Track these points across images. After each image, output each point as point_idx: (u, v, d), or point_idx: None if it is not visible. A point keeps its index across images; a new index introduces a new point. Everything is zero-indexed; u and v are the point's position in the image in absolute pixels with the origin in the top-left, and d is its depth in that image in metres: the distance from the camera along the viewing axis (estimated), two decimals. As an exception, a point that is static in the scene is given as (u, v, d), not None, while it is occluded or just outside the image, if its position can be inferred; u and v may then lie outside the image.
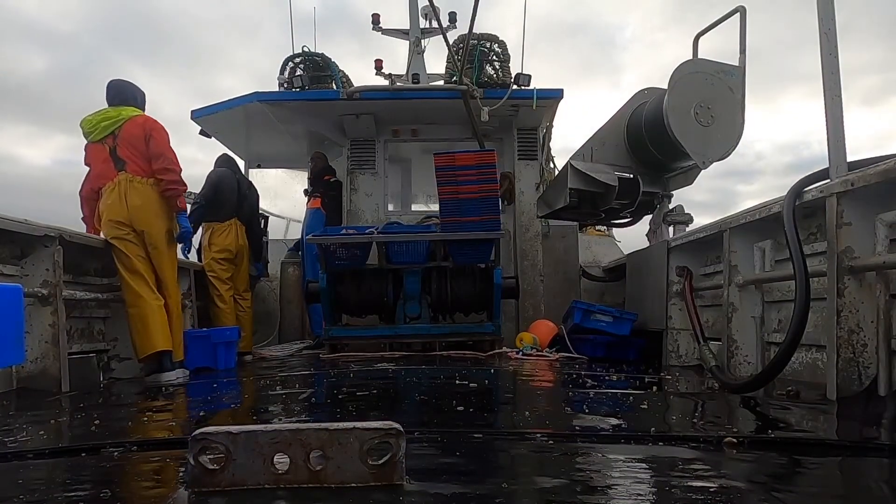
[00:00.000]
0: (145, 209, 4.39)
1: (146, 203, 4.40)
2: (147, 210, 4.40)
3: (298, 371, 4.66)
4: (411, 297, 5.73)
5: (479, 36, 6.71)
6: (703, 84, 4.80)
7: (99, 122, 4.49)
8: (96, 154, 4.47)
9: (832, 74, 2.77)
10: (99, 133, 4.47)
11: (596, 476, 1.58)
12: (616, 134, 5.55)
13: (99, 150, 4.46)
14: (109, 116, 4.50)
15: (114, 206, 4.33)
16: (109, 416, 2.79)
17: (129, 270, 4.30)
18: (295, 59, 7.19)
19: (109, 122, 4.48)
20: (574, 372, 4.14)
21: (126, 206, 4.33)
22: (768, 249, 3.48)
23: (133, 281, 4.29)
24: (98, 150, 4.46)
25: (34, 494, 1.47)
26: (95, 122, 4.49)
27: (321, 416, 2.68)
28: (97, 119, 4.50)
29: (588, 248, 8.01)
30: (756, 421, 2.54)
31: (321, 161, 7.03)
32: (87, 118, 4.52)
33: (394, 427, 1.30)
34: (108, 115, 4.51)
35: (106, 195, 4.39)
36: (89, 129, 4.49)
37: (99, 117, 4.51)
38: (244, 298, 5.98)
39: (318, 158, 7.04)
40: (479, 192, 5.28)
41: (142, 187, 4.41)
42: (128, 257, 4.30)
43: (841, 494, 1.54)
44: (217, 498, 1.27)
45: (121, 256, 4.30)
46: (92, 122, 4.49)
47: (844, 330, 2.63)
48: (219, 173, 5.88)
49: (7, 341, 1.98)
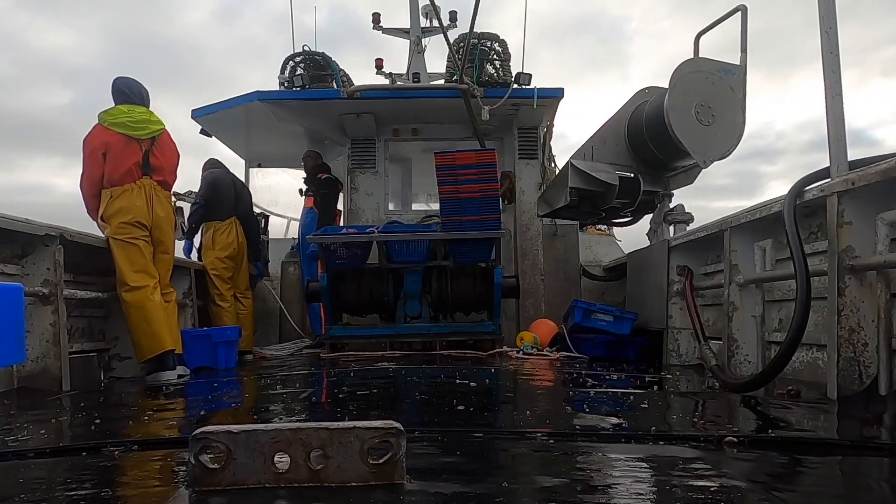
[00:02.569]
0: (168, 221, 4.56)
1: (168, 216, 4.57)
2: (169, 222, 4.56)
3: (299, 370, 4.67)
4: (412, 297, 5.73)
5: (479, 35, 6.70)
6: (703, 83, 4.79)
7: (144, 121, 4.40)
8: (130, 151, 4.33)
9: (832, 73, 2.76)
10: (142, 132, 4.38)
11: (596, 475, 1.58)
12: (617, 133, 5.54)
13: (133, 146, 4.34)
14: (153, 120, 4.45)
15: (140, 209, 4.31)
16: (110, 416, 2.79)
17: (142, 270, 4.28)
18: (295, 58, 7.18)
19: (155, 127, 4.45)
20: (574, 371, 4.14)
21: (150, 213, 4.36)
22: (769, 249, 3.47)
23: (143, 281, 4.26)
24: (132, 146, 4.34)
25: (35, 493, 1.47)
26: (140, 118, 4.38)
27: (322, 416, 2.68)
28: (141, 116, 4.39)
29: (588, 248, 8.00)
30: (756, 420, 2.54)
31: (313, 159, 7.00)
32: (121, 109, 4.36)
33: (394, 426, 1.30)
34: (152, 119, 4.45)
35: (126, 196, 4.29)
36: (132, 123, 4.34)
37: (142, 116, 4.40)
38: (245, 297, 5.99)
39: (311, 157, 7.01)
40: (480, 192, 5.28)
41: (165, 200, 4.55)
42: (143, 258, 4.29)
43: (841, 494, 1.54)
44: (217, 497, 1.27)
45: (134, 256, 4.26)
46: (135, 117, 4.36)
47: (845, 329, 2.63)
48: (214, 173, 5.90)
49: (8, 340, 1.98)
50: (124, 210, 4.27)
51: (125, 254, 4.24)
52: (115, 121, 4.32)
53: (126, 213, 4.27)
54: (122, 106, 4.41)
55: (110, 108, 4.41)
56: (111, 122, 4.32)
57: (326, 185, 6.85)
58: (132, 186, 4.33)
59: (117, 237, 4.25)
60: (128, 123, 4.34)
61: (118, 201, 4.29)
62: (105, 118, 4.34)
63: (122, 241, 4.24)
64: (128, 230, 4.26)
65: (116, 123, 4.32)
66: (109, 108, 4.41)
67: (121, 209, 4.28)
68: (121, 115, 4.35)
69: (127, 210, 4.28)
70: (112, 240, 4.25)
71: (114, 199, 4.30)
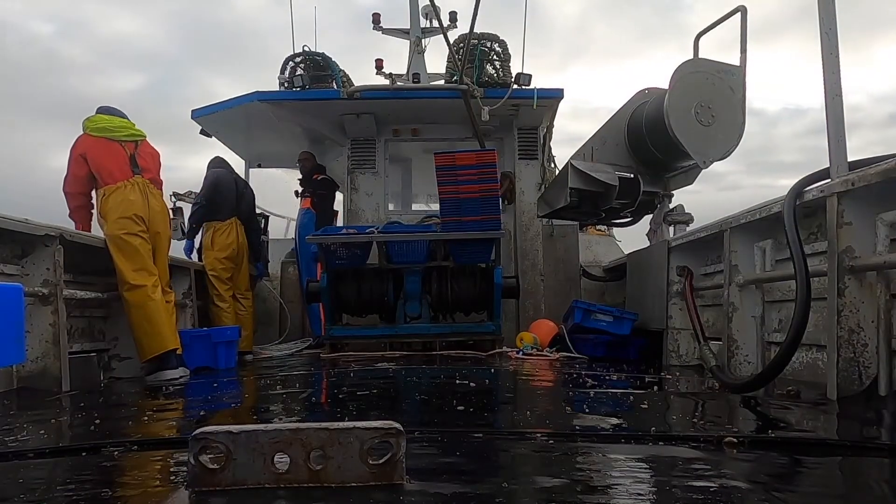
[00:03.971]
0: (163, 214, 4.63)
1: (163, 209, 4.67)
2: (164, 215, 4.65)
3: (299, 370, 4.67)
4: (412, 297, 5.73)
5: (479, 35, 6.70)
6: (703, 84, 4.79)
7: (122, 126, 4.54)
8: (113, 151, 4.44)
9: (832, 74, 2.76)
10: (123, 135, 4.51)
11: (596, 476, 1.58)
12: (617, 133, 5.54)
13: (117, 148, 4.45)
14: (129, 125, 4.60)
15: (136, 203, 4.35)
16: (110, 416, 2.79)
17: (142, 269, 4.30)
18: (295, 58, 7.18)
19: (134, 131, 4.59)
20: (574, 371, 4.14)
21: (147, 206, 4.42)
22: (769, 249, 3.47)
23: (143, 279, 4.27)
24: (116, 148, 4.45)
25: (34, 494, 1.47)
26: (117, 124, 4.53)
27: (321, 416, 2.69)
28: (117, 123, 4.54)
29: (588, 248, 8.01)
30: (756, 421, 2.54)
31: (310, 161, 7.00)
32: (102, 117, 4.52)
33: (394, 427, 1.30)
34: (127, 125, 4.59)
35: (121, 192, 4.35)
36: (111, 127, 4.48)
37: (118, 122, 4.55)
38: (245, 297, 5.98)
39: (307, 158, 7.01)
40: (480, 192, 5.28)
41: (159, 195, 4.63)
42: (141, 256, 4.31)
43: (841, 494, 1.54)
44: (217, 497, 1.27)
45: (133, 255, 4.27)
46: (112, 122, 4.52)
47: (845, 330, 2.63)
48: (216, 173, 5.89)
49: (8, 341, 1.98)
50: (122, 205, 4.32)
51: (124, 252, 4.26)
52: (95, 126, 4.49)
53: (125, 207, 4.31)
54: (102, 115, 4.56)
55: (92, 116, 4.55)
56: (93, 129, 4.48)
57: (323, 186, 6.85)
58: (126, 183, 4.39)
59: (116, 233, 4.26)
60: (108, 128, 4.51)
61: (114, 197, 4.34)
62: (87, 125, 4.51)
63: (122, 238, 4.26)
64: (126, 225, 4.29)
65: (97, 129, 4.49)
66: (91, 116, 4.55)
67: (118, 204, 4.32)
68: (101, 122, 4.52)
69: (126, 205, 4.32)
70: (110, 238, 4.26)
71: (108, 195, 4.35)
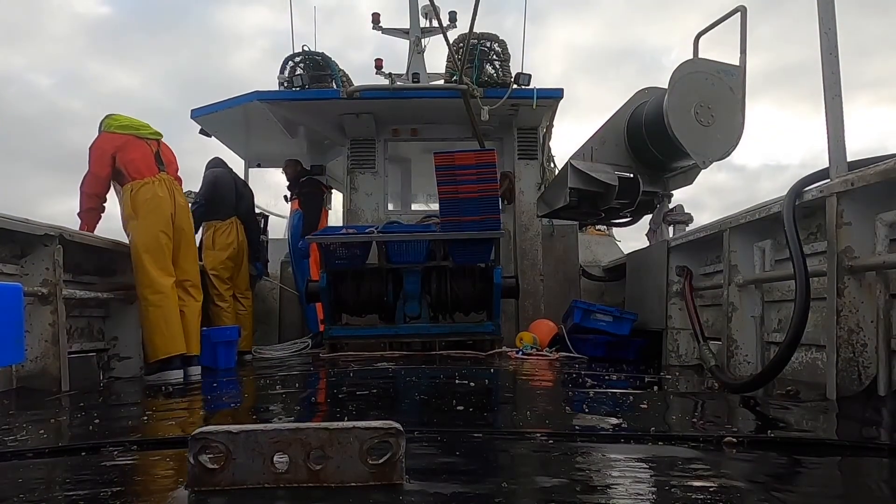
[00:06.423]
0: (187, 210, 4.68)
1: (187, 206, 4.71)
2: (188, 211, 4.72)
3: (298, 370, 4.67)
4: (411, 297, 5.73)
5: (479, 35, 6.70)
6: (703, 84, 4.80)
7: (144, 124, 4.60)
8: (139, 148, 4.47)
9: (832, 74, 2.77)
10: (147, 132, 4.57)
11: (596, 476, 1.58)
12: (616, 133, 5.55)
13: (143, 146, 4.50)
14: (149, 125, 4.65)
15: (165, 199, 4.39)
16: (109, 416, 2.79)
17: (165, 269, 4.33)
18: (295, 58, 7.17)
19: (155, 130, 4.66)
20: (574, 371, 4.14)
21: (174, 203, 4.46)
22: (768, 249, 3.48)
23: (166, 280, 4.31)
24: (142, 146, 4.50)
25: (34, 494, 1.47)
26: (139, 122, 4.59)
27: (321, 416, 2.68)
28: (138, 122, 4.60)
29: (588, 248, 8.00)
30: (756, 421, 2.54)
31: (292, 167, 6.98)
32: (124, 116, 4.58)
33: (394, 426, 1.30)
34: (147, 124, 4.65)
35: (150, 188, 4.36)
36: (136, 125, 4.55)
37: (139, 121, 4.61)
38: (245, 297, 5.98)
39: (290, 166, 7.00)
40: (479, 192, 5.27)
41: (181, 192, 4.69)
42: (165, 256, 4.34)
43: (841, 494, 1.54)
44: (217, 497, 1.27)
45: (160, 255, 4.30)
46: (134, 121, 4.58)
47: (844, 330, 2.63)
48: (215, 172, 5.90)
49: (7, 340, 1.98)
50: (152, 201, 4.34)
51: (152, 254, 4.28)
52: (120, 124, 4.50)
53: (154, 204, 4.34)
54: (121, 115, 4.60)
55: (113, 115, 4.56)
56: (117, 126, 4.49)
57: (308, 185, 6.87)
58: (153, 179, 4.41)
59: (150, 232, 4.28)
60: (133, 125, 4.55)
61: (142, 192, 4.35)
62: (110, 123, 4.50)
63: (155, 238, 4.29)
64: (158, 223, 4.32)
65: (122, 126, 4.50)
66: (112, 115, 4.56)
67: (147, 200, 4.34)
68: (124, 120, 4.55)
69: (154, 201, 4.34)
70: (141, 238, 4.27)
71: (136, 191, 4.35)
